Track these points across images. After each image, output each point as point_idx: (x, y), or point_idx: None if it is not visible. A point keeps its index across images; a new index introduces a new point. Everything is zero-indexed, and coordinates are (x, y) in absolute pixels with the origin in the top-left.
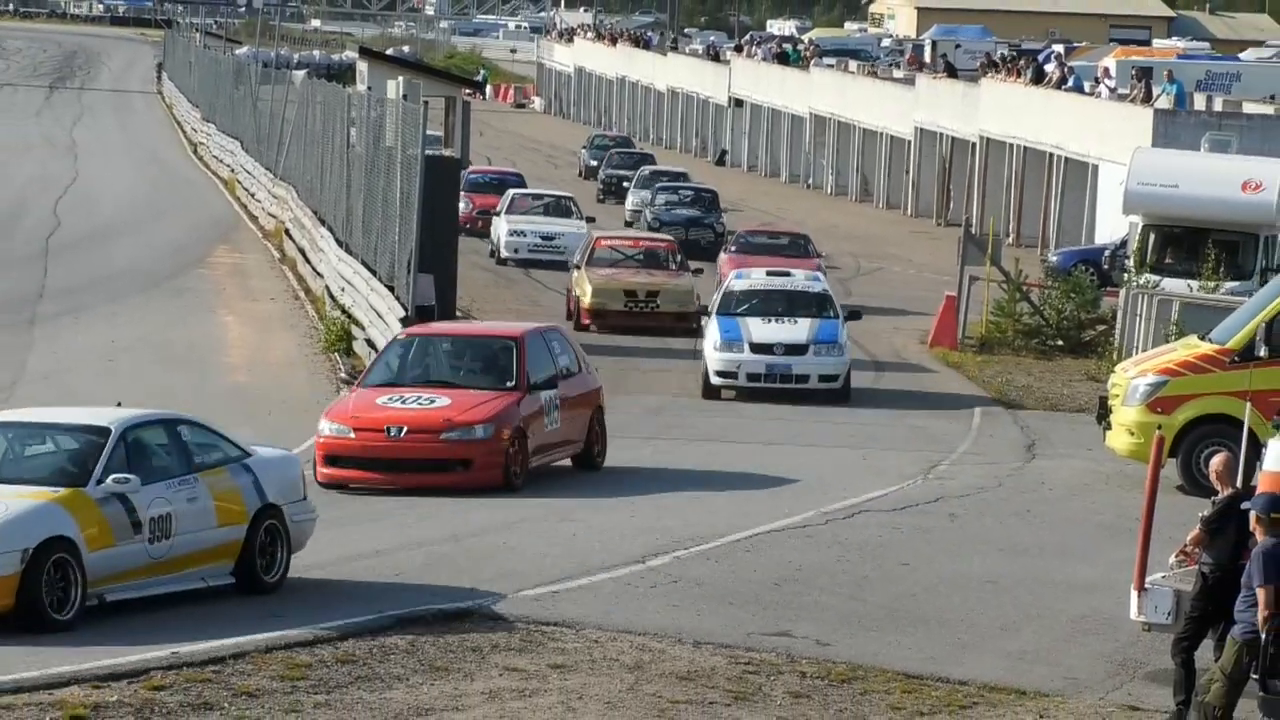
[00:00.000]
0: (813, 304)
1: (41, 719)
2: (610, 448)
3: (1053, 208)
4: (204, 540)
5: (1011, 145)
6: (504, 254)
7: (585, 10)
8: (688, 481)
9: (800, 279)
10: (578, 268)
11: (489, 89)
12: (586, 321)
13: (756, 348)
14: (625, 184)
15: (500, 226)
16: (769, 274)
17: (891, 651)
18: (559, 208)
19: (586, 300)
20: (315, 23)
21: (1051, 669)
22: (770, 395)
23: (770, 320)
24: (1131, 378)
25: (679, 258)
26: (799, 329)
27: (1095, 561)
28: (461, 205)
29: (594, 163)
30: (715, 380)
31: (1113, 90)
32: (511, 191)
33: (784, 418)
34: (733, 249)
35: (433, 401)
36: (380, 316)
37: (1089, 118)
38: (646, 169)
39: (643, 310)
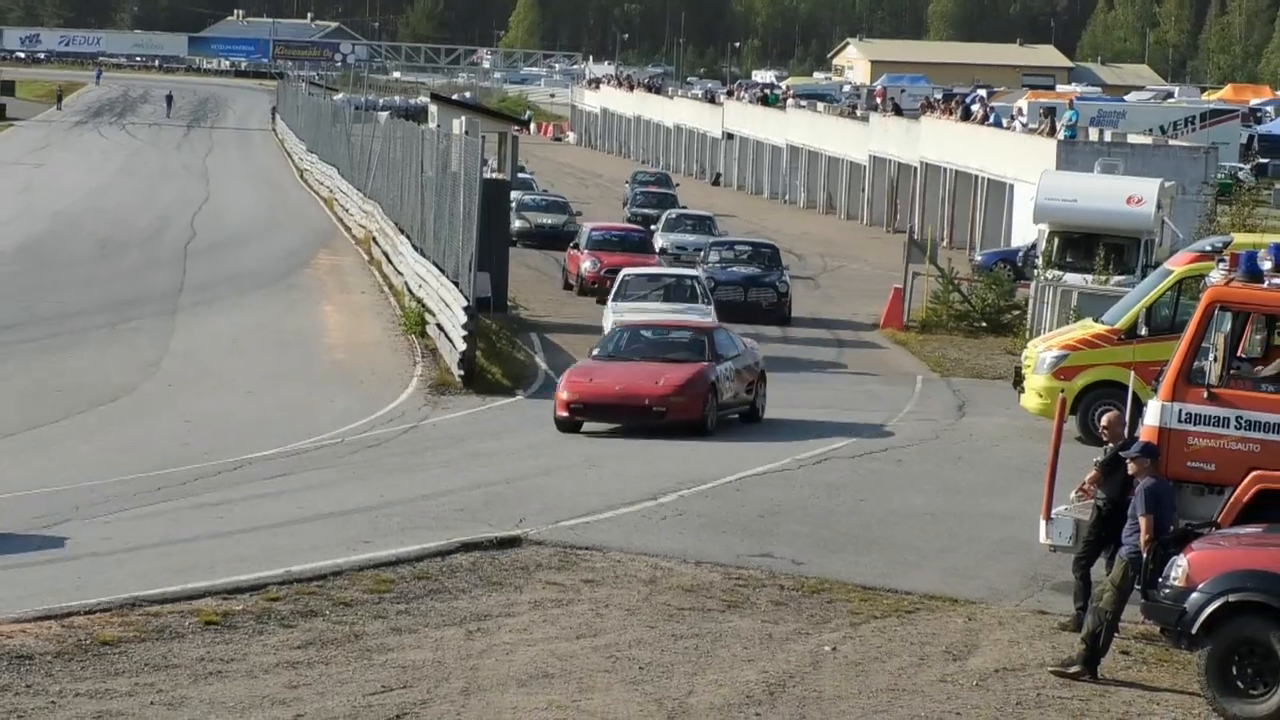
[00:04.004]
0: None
1: (182, 624)
2: None
3: (978, 218)
4: None
5: (945, 169)
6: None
7: (609, 63)
8: (688, 436)
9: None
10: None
11: (533, 126)
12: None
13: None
14: (653, 224)
15: (608, 319)
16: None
17: (852, 569)
18: (680, 289)
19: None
20: (396, 74)
21: (978, 582)
22: None
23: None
24: (1040, 351)
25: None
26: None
27: (1012, 497)
28: (588, 264)
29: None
30: None
31: (1025, 125)
32: (624, 273)
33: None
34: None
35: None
36: (447, 305)
37: (1006, 147)
38: (673, 212)
39: None
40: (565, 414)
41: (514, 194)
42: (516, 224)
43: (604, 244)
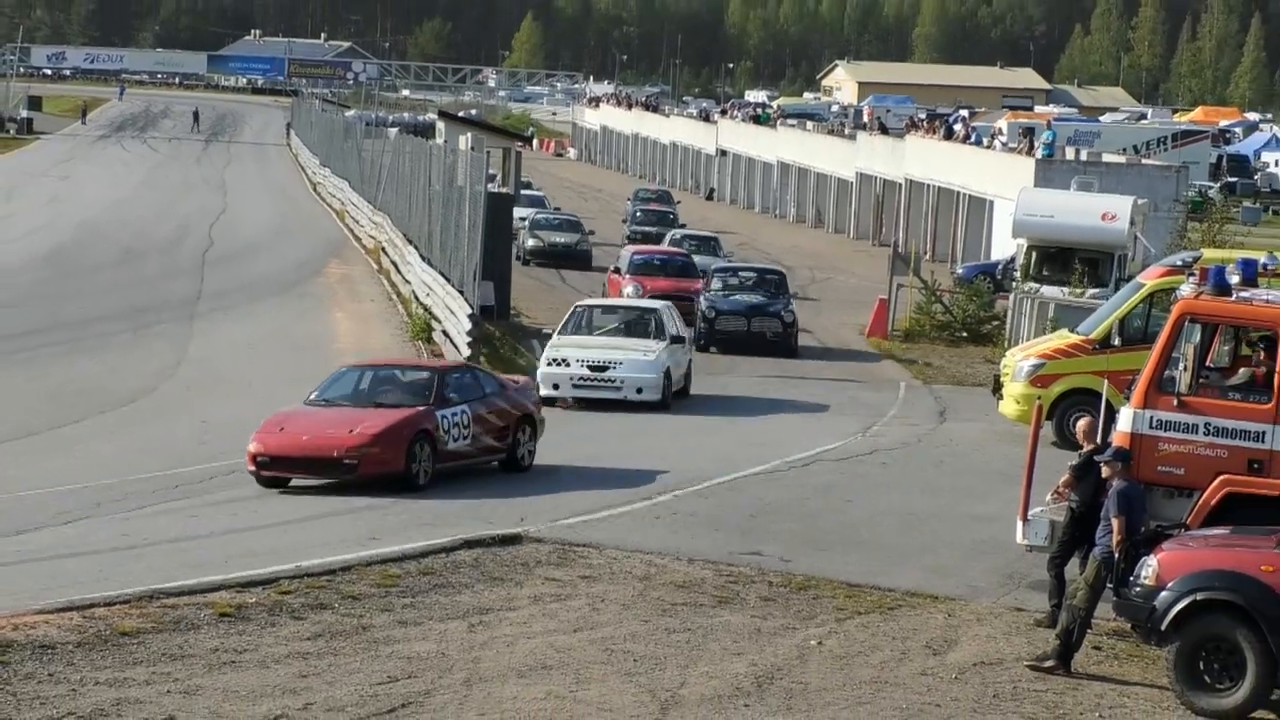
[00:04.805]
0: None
1: (198, 616)
2: (620, 418)
3: (959, 233)
4: None
5: (929, 185)
6: (543, 390)
7: (609, 83)
8: (682, 440)
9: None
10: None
11: (535, 142)
12: None
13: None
14: (657, 244)
15: (544, 356)
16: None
17: (837, 566)
18: (640, 324)
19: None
20: (405, 92)
21: (957, 580)
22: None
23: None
24: (1018, 360)
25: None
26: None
27: (990, 499)
28: (630, 289)
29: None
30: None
31: (1004, 145)
32: (577, 304)
33: (755, 391)
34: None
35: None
36: (453, 313)
37: (987, 165)
38: (677, 233)
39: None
40: (253, 469)
41: (527, 212)
42: (530, 243)
43: (646, 268)
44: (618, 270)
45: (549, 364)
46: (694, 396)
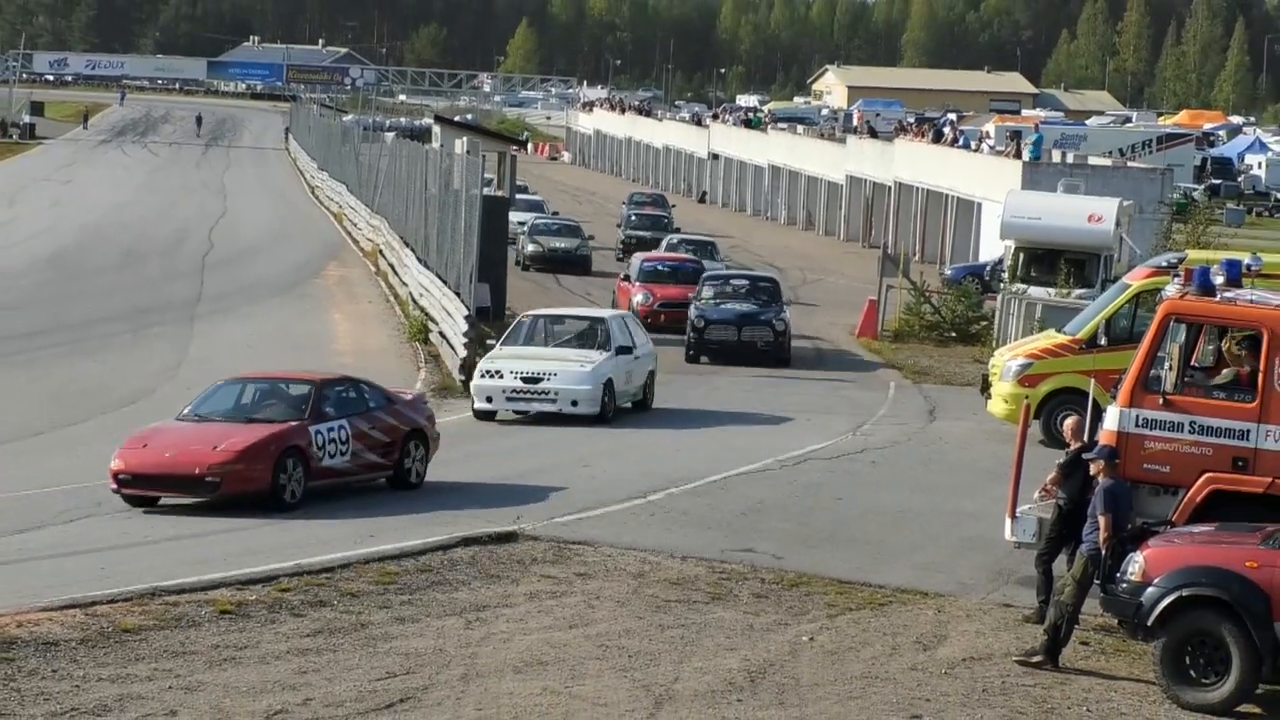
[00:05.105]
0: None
1: (198, 613)
2: (617, 414)
3: (948, 234)
4: None
5: (917, 188)
6: (477, 404)
7: (602, 87)
8: (676, 439)
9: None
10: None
11: (530, 146)
12: None
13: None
14: (651, 249)
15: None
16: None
17: (829, 563)
18: (589, 334)
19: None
20: (402, 97)
21: (947, 576)
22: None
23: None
24: (1006, 360)
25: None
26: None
27: (979, 497)
28: (640, 297)
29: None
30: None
31: (992, 148)
32: (521, 315)
33: (747, 390)
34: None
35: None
36: (449, 314)
37: (974, 168)
38: (674, 237)
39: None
40: (115, 488)
41: (526, 217)
42: (529, 248)
43: (656, 275)
44: (627, 277)
45: (482, 376)
46: (690, 396)
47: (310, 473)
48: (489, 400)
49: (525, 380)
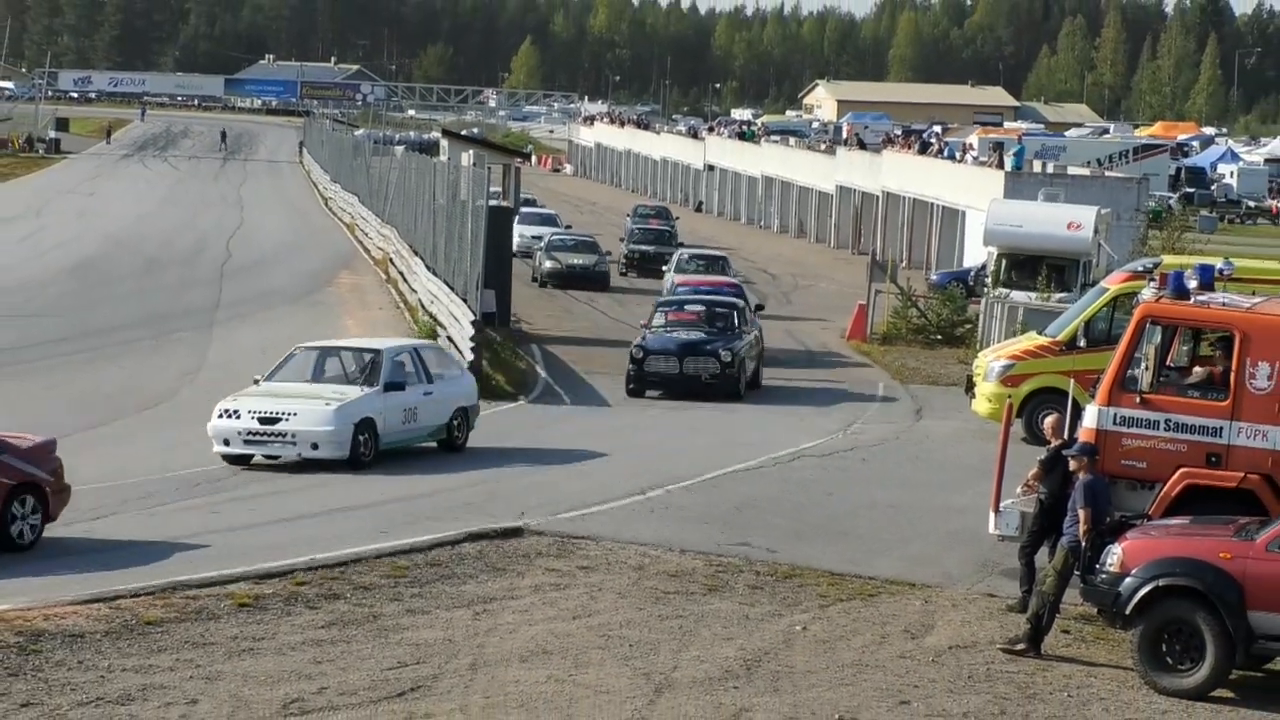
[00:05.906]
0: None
1: (218, 606)
2: (617, 414)
3: (933, 241)
4: None
5: (904, 197)
6: (215, 447)
7: (602, 102)
8: (674, 438)
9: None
10: None
11: (533, 158)
12: None
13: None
14: (656, 263)
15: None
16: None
17: (821, 556)
18: (361, 368)
19: None
20: (411, 112)
21: (934, 568)
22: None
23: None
24: (989, 361)
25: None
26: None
27: (964, 492)
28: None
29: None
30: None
31: (975, 158)
32: (294, 349)
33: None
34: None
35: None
36: (456, 320)
37: (959, 178)
38: (685, 252)
39: None
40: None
41: (543, 231)
42: (547, 264)
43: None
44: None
45: (219, 416)
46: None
47: None
48: (226, 444)
49: (262, 421)
